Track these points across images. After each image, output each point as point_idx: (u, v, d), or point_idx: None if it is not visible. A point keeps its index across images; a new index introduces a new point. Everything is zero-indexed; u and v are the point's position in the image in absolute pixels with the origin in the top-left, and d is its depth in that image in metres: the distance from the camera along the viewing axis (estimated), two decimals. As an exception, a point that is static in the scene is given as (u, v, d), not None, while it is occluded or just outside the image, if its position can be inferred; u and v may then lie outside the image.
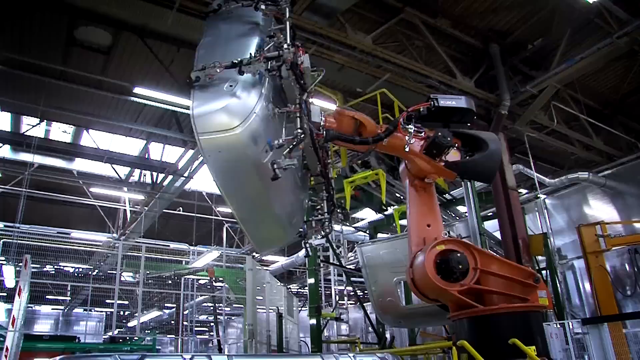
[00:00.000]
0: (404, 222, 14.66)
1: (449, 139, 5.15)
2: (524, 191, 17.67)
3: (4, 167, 15.44)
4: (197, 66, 3.77)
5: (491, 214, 13.92)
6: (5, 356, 10.85)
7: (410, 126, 5.20)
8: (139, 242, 16.29)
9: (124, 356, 2.54)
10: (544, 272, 13.08)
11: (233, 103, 3.66)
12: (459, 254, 5.26)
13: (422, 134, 5.29)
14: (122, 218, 19.01)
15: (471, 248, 5.53)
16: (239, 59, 3.72)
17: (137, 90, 11.50)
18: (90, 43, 11.28)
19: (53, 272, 18.16)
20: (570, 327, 10.22)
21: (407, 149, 5.18)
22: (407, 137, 5.16)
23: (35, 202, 17.00)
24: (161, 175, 15.85)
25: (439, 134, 5.12)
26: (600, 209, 15.90)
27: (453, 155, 5.41)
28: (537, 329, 5.62)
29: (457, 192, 13.34)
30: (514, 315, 5.42)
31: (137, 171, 16.98)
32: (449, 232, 7.05)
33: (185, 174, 15.26)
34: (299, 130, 3.83)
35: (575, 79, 13.09)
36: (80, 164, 16.05)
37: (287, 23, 4.14)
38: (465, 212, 11.77)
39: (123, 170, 16.83)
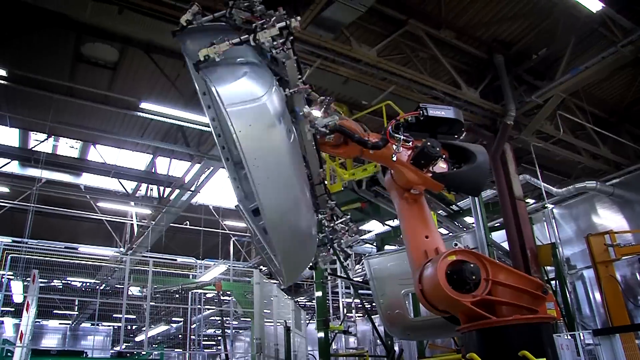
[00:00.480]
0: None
1: (437, 149, 5.01)
2: (531, 201, 17.59)
3: (12, 183, 15.58)
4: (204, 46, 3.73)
5: (498, 224, 13.86)
6: (14, 371, 10.87)
7: (398, 135, 5.04)
8: (146, 257, 16.33)
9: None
10: (553, 282, 12.98)
11: (253, 73, 3.70)
12: (472, 265, 5.20)
13: (410, 144, 5.13)
14: (129, 232, 19.07)
15: (482, 258, 5.48)
16: (247, 35, 3.72)
17: (144, 105, 11.60)
18: (96, 59, 11.42)
19: (61, 286, 18.21)
20: (581, 338, 10.12)
21: (394, 158, 5.02)
22: (395, 146, 4.99)
23: (43, 217, 17.10)
24: (168, 190, 15.92)
25: (428, 143, 4.98)
26: (609, 218, 15.79)
27: (440, 167, 5.26)
28: (548, 341, 5.55)
29: (463, 203, 13.29)
30: (524, 327, 5.36)
31: (144, 185, 17.06)
32: (457, 243, 6.97)
33: (192, 188, 15.30)
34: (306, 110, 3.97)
35: (580, 88, 13.07)
36: (87, 179, 16.15)
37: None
38: (473, 223, 11.72)
39: (130, 185, 16.92)
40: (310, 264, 5.15)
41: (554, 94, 12.03)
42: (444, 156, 5.26)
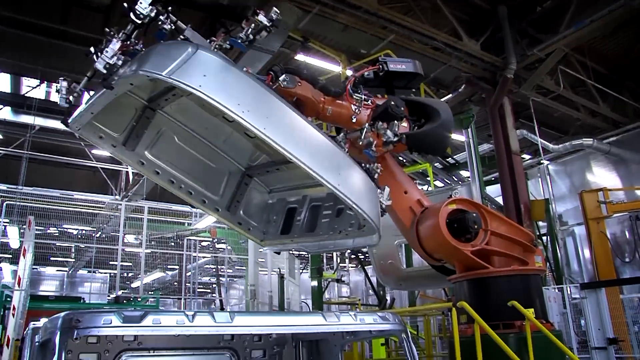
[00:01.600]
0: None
1: (402, 109, 4.66)
2: (527, 157, 17.59)
3: (5, 130, 15.39)
4: None
5: (493, 179, 13.91)
6: (13, 315, 11.08)
7: (359, 94, 4.65)
8: (142, 204, 16.35)
9: (128, 312, 2.55)
10: (544, 237, 13.17)
11: (172, 43, 3.59)
12: (474, 214, 5.22)
13: (369, 102, 4.74)
14: (125, 180, 19.04)
15: (481, 208, 5.52)
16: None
17: (138, 50, 11.30)
18: (89, 1, 11.04)
19: (57, 233, 18.32)
20: (569, 292, 10.37)
21: (354, 120, 4.63)
22: (354, 107, 4.61)
23: (37, 164, 17.01)
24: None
25: (392, 103, 4.59)
26: (603, 176, 15.86)
27: (402, 126, 4.81)
28: (537, 292, 5.68)
29: (460, 156, 13.30)
30: (515, 278, 5.47)
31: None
32: (457, 192, 6.95)
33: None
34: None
35: (584, 43, 12.81)
36: (81, 126, 15.90)
37: None
38: (468, 177, 11.75)
39: (124, 134, 16.73)
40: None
41: (557, 48, 11.80)
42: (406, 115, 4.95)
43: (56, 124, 15.23)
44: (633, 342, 9.96)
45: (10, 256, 15.32)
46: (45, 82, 14.24)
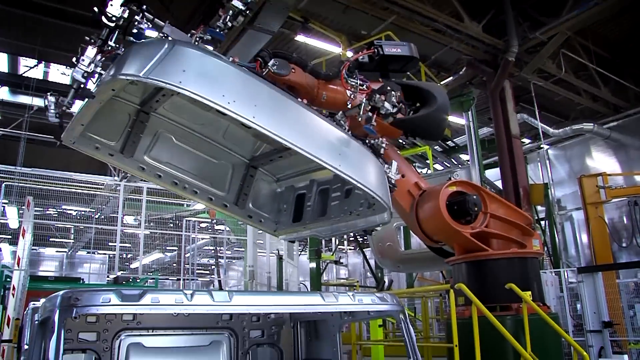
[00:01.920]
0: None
1: (398, 93, 4.47)
2: (526, 141, 17.56)
3: (2, 110, 15.27)
4: None
5: (493, 162, 13.89)
6: (13, 294, 11.14)
7: (353, 79, 4.48)
8: (141, 185, 16.32)
9: (127, 291, 2.54)
10: (542, 222, 13.20)
11: (149, 42, 3.45)
12: (474, 197, 5.21)
13: (365, 87, 4.59)
14: (124, 161, 18.93)
15: (480, 190, 5.51)
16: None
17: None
18: (87, -21, 10.89)
19: (56, 214, 18.32)
20: (565, 276, 10.44)
21: (349, 105, 4.47)
22: (349, 92, 4.45)
23: (35, 145, 16.91)
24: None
25: (388, 87, 4.40)
26: (602, 161, 15.85)
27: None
28: (534, 275, 5.71)
29: (459, 139, 13.25)
30: (513, 260, 5.49)
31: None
32: (457, 174, 6.93)
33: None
34: None
35: (587, 26, 12.68)
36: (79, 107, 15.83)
37: None
38: (468, 160, 11.73)
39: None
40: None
41: (559, 31, 11.69)
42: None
43: (54, 104, 15.12)
44: (627, 325, 10.07)
45: (10, 237, 15.34)
46: (43, 62, 14.11)
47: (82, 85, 3.40)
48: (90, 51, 3.38)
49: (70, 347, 3.93)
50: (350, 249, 22.22)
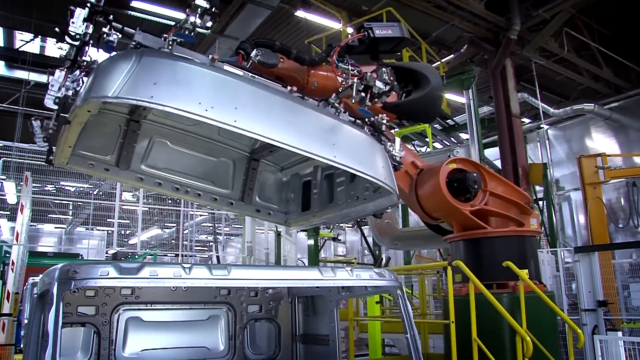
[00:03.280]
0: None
1: (392, 78, 4.32)
2: (526, 120, 17.50)
3: (-1, 85, 15.14)
4: None
5: (492, 141, 13.85)
6: (12, 270, 11.20)
7: (344, 64, 4.35)
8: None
9: (125, 265, 2.54)
10: (540, 202, 13.23)
11: (115, 57, 3.25)
12: (474, 174, 5.20)
13: (357, 73, 4.44)
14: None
15: (480, 167, 5.50)
16: None
17: (135, 3, 11.03)
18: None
19: (54, 190, 18.30)
20: (562, 255, 10.50)
21: (341, 91, 4.30)
22: (340, 78, 4.32)
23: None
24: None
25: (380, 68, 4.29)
26: (602, 142, 15.82)
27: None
28: (531, 254, 5.74)
29: (460, 118, 13.18)
30: (511, 239, 5.50)
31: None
32: (457, 151, 6.90)
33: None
34: None
35: (591, 4, 12.51)
36: (76, 82, 15.69)
37: None
38: (467, 139, 11.69)
39: (121, 89, 16.51)
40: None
41: (563, 8, 11.54)
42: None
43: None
44: (621, 305, 10.18)
45: (8, 212, 15.34)
46: (40, 36, 13.92)
47: (58, 108, 3.22)
48: (59, 74, 3.22)
49: (70, 321, 3.96)
50: (348, 227, 22.29)
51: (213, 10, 3.34)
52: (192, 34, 3.34)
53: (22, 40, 13.91)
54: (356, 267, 3.17)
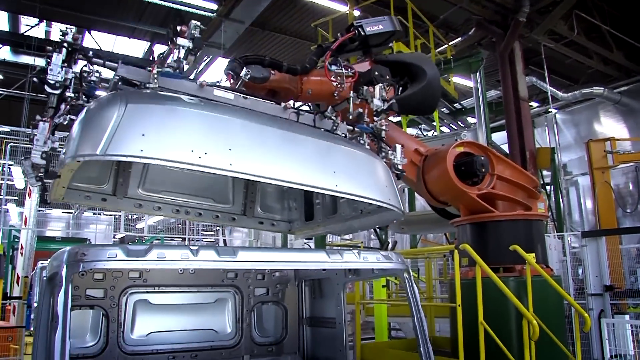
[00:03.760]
0: (410, 130, 14.49)
1: (387, 77, 4.25)
2: (534, 104, 17.34)
3: (5, 70, 15.16)
4: None
5: (500, 126, 13.75)
6: (21, 254, 11.34)
7: (337, 67, 4.23)
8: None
9: (133, 247, 2.55)
10: (547, 187, 13.17)
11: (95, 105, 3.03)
12: (482, 157, 5.17)
13: (352, 74, 4.37)
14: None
15: (488, 151, 5.46)
16: None
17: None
18: None
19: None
20: (569, 240, 10.48)
21: (336, 96, 4.29)
22: (335, 82, 4.21)
23: (39, 105, 16.84)
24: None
25: (376, 73, 4.18)
26: (611, 126, 15.69)
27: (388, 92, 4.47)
28: (538, 238, 5.72)
29: (467, 102, 13.10)
30: (518, 222, 5.48)
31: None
32: (465, 135, 6.83)
33: (191, 76, 14.95)
34: None
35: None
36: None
37: None
38: (475, 123, 11.61)
39: (127, 74, 16.51)
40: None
41: (574, -11, 11.35)
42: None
43: (57, 64, 15.00)
44: (628, 287, 10.18)
45: (17, 198, 15.46)
46: (45, 20, 13.89)
47: (45, 167, 3.05)
48: (43, 127, 3.03)
49: (78, 304, 4.00)
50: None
51: (196, 51, 3.18)
52: (177, 71, 3.18)
53: (27, 25, 13.89)
54: (363, 250, 3.17)
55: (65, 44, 3.06)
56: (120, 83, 3.16)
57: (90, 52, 3.16)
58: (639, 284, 10.20)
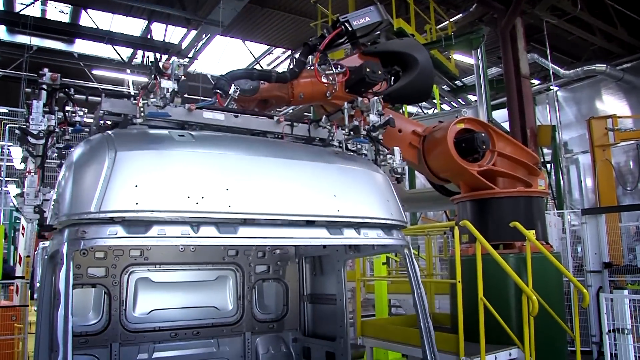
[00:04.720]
0: (411, 108, 14.39)
1: (379, 72, 4.15)
2: (535, 82, 17.21)
3: (1, 50, 15.00)
4: None
5: (501, 103, 13.67)
6: (22, 234, 11.39)
7: (328, 68, 4.22)
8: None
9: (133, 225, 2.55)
10: (548, 165, 13.16)
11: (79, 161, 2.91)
12: (483, 134, 5.15)
13: (343, 71, 4.37)
14: (127, 102, 18.82)
15: (488, 127, 5.44)
16: None
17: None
18: None
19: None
20: (569, 218, 10.51)
21: (329, 95, 4.30)
22: (327, 82, 4.20)
23: (37, 86, 16.74)
24: (164, 57, 15.42)
25: (368, 70, 4.08)
26: (612, 104, 15.60)
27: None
28: (538, 215, 5.72)
29: (468, 79, 13.00)
30: (518, 199, 5.48)
31: (139, 53, 16.51)
32: (465, 111, 6.80)
33: (190, 55, 14.85)
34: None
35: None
36: (80, 47, 15.53)
37: None
38: (475, 100, 11.54)
39: (125, 53, 16.34)
40: None
41: (577, -37, 11.16)
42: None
43: (54, 44, 14.86)
44: (627, 263, 10.26)
45: (17, 179, 15.46)
46: (40, -1, 13.71)
47: (39, 220, 2.93)
48: (31, 180, 2.96)
49: (80, 282, 4.02)
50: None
51: (180, 94, 3.04)
52: (163, 109, 3.05)
53: (22, 4, 13.68)
54: (363, 226, 3.16)
55: (45, 86, 3.00)
56: (105, 115, 3.10)
57: (72, 90, 3.09)
58: (638, 261, 10.26)
